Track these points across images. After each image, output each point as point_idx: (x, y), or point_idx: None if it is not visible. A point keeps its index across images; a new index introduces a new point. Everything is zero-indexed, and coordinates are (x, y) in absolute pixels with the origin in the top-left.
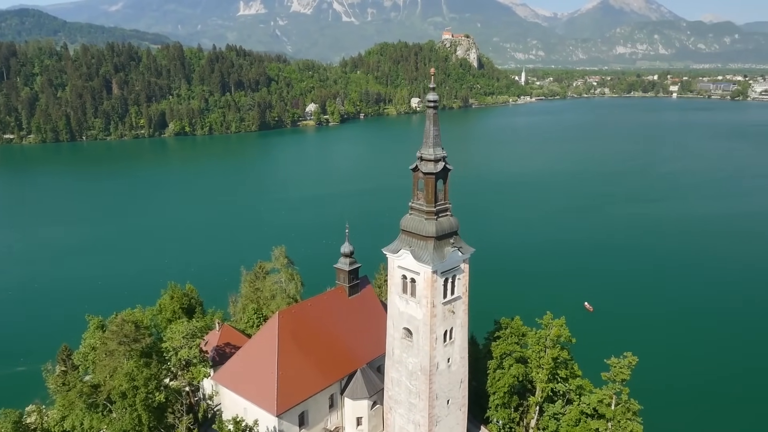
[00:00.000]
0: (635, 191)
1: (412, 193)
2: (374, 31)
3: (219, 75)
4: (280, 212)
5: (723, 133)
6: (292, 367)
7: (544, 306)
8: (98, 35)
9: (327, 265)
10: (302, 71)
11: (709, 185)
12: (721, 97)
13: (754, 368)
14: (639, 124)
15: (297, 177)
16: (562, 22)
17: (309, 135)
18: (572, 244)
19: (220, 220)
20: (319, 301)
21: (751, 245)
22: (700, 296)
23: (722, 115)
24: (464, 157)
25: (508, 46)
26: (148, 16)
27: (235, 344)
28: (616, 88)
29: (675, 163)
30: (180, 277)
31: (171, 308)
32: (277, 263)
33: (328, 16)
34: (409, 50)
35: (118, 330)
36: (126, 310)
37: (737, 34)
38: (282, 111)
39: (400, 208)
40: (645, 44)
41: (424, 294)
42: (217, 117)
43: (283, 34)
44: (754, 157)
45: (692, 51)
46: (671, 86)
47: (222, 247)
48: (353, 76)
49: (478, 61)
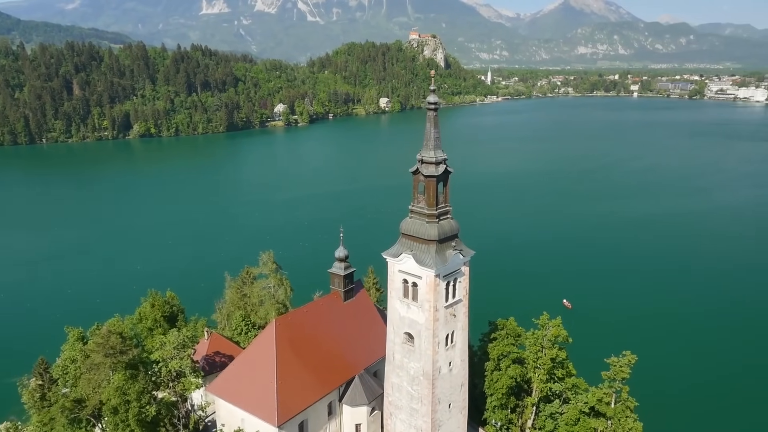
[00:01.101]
0: (606, 189)
1: (412, 196)
2: (340, 31)
3: (185, 75)
4: (256, 215)
5: (684, 132)
6: (291, 375)
7: (524, 305)
8: (55, 34)
9: (311, 269)
10: (269, 71)
11: (676, 182)
12: (679, 96)
13: (734, 361)
14: (604, 122)
15: (270, 179)
16: (525, 23)
17: (278, 136)
18: (547, 242)
19: (195, 224)
20: (315, 307)
21: (721, 239)
22: (677, 290)
23: (682, 114)
24: None
25: (473, 46)
26: (106, 14)
27: (225, 353)
28: (579, 87)
29: (642, 161)
30: (159, 284)
31: (152, 317)
32: (265, 268)
33: (292, 15)
34: (377, 50)
35: (103, 342)
36: (109, 321)
37: (692, 35)
38: (250, 112)
39: (380, 208)
40: (605, 44)
41: (427, 298)
42: (184, 118)
43: (247, 34)
44: (715, 155)
45: (650, 51)
46: (632, 86)
47: (200, 252)
48: (321, 76)
49: (445, 61)
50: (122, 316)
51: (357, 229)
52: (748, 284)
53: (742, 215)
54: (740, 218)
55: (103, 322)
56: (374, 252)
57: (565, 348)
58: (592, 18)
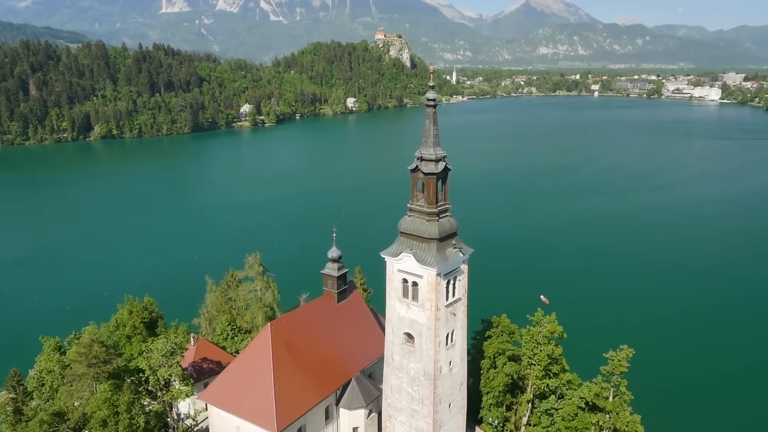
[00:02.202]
0: (576, 186)
1: (411, 195)
2: (303, 31)
3: (147, 75)
4: (230, 217)
5: (645, 130)
6: (288, 380)
7: (503, 303)
8: (6, 33)
9: (293, 270)
10: (234, 71)
11: (641, 179)
12: (638, 95)
13: (717, 351)
14: (569, 121)
15: (242, 180)
16: (488, 23)
17: (246, 136)
18: (519, 239)
19: (169, 227)
20: (309, 310)
21: (691, 234)
22: (655, 283)
23: (641, 113)
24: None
25: (437, 47)
26: (61, 12)
27: (213, 359)
28: (542, 87)
29: (607, 159)
30: (135, 290)
31: (130, 323)
32: (251, 271)
33: (255, 15)
34: (343, 50)
35: (86, 351)
36: (85, 328)
37: (648, 36)
38: (215, 112)
39: (360, 207)
40: (566, 45)
41: (428, 297)
42: (147, 119)
43: (209, 33)
44: (675, 152)
45: (608, 51)
46: (593, 85)
47: (176, 256)
48: (287, 76)
49: (410, 61)
50: (97, 324)
51: (339, 228)
52: (722, 276)
53: (707, 210)
54: (705, 213)
55: (80, 330)
56: (360, 252)
57: (560, 344)
58: (552, 19)
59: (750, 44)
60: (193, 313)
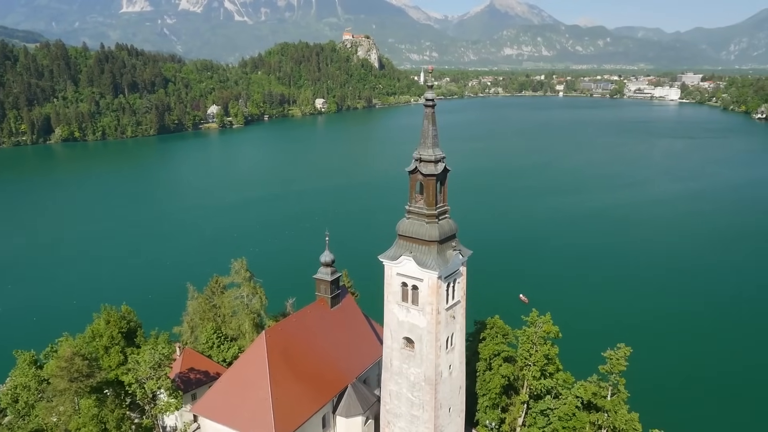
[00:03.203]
0: (547, 185)
1: (409, 196)
2: (269, 31)
3: (110, 76)
4: (202, 220)
5: (611, 129)
6: (285, 389)
7: (488, 302)
8: None
9: (275, 274)
10: (200, 72)
11: (610, 177)
12: (601, 96)
13: (698, 347)
14: (536, 121)
15: (213, 182)
16: (453, 25)
17: (214, 138)
18: (500, 239)
19: (139, 232)
20: (304, 316)
21: (662, 231)
22: (633, 280)
23: (606, 112)
24: (385, 158)
25: (403, 47)
26: (16, 12)
27: (200, 369)
28: (508, 87)
29: (575, 158)
30: (110, 299)
31: (108, 334)
32: (237, 277)
33: (219, 14)
34: (311, 50)
35: (68, 366)
36: (59, 340)
37: (609, 38)
38: (182, 113)
39: (336, 209)
40: (530, 46)
41: (429, 301)
42: (111, 121)
43: (171, 33)
44: (641, 151)
45: (571, 53)
46: (557, 86)
47: (151, 262)
48: (254, 76)
49: (378, 62)
50: (72, 335)
51: (318, 231)
52: (700, 272)
53: (678, 207)
54: (677, 210)
55: (54, 342)
56: (344, 254)
57: (556, 344)
58: (516, 20)
59: (705, 46)
60: (173, 321)
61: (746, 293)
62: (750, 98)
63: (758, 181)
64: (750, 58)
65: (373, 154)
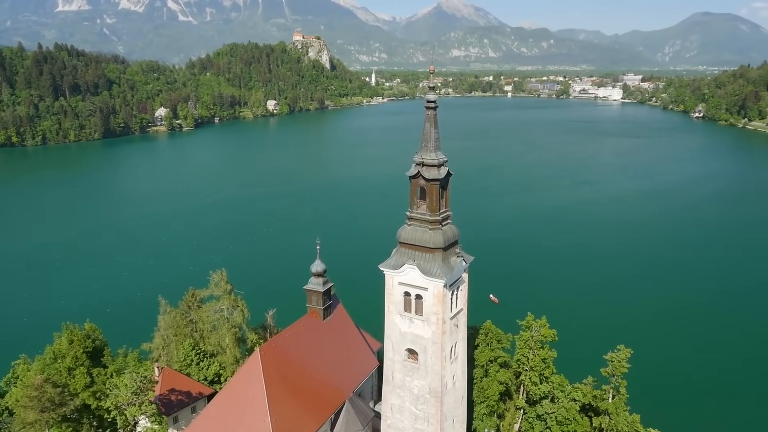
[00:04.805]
0: (504, 184)
1: (410, 202)
2: (215, 32)
3: (49, 77)
4: (158, 228)
5: (561, 129)
6: (283, 409)
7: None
8: None
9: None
10: (146, 73)
11: (564, 176)
12: (548, 96)
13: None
14: (488, 121)
15: (165, 188)
16: (401, 26)
17: (163, 142)
18: (469, 240)
19: (93, 243)
20: (297, 330)
21: (621, 227)
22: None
23: (554, 112)
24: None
25: (352, 49)
26: None
27: (181, 389)
28: (458, 88)
29: (530, 157)
30: (72, 316)
31: (72, 354)
32: (217, 289)
33: (162, 14)
34: (261, 51)
35: (38, 395)
36: (19, 362)
37: (552, 40)
38: (128, 116)
39: (299, 213)
40: (477, 48)
41: (434, 310)
42: (52, 125)
43: (112, 33)
44: (591, 150)
45: (517, 54)
46: (506, 86)
47: (110, 275)
48: (203, 78)
49: (330, 63)
50: (29, 357)
51: (285, 236)
52: (671, 268)
53: (634, 204)
54: (633, 207)
55: (11, 366)
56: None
57: (557, 349)
58: (463, 22)
59: (642, 48)
60: (142, 338)
61: (732, 287)
62: (688, 98)
63: (713, 175)
64: (683, 60)
65: (332, 156)
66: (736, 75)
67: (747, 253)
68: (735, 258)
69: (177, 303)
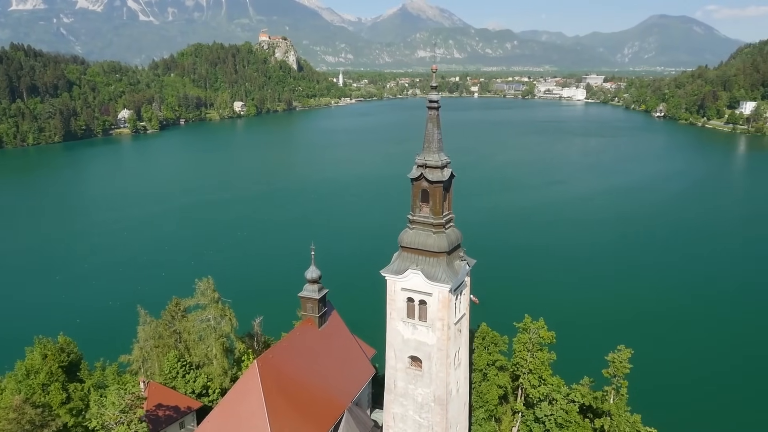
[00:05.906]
0: (475, 184)
1: (412, 205)
2: (177, 32)
3: (5, 78)
4: (124, 234)
5: (528, 129)
6: (283, 421)
7: None
8: None
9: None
10: (108, 74)
11: (536, 175)
12: (514, 96)
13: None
14: (456, 122)
15: (132, 192)
16: (367, 27)
17: (127, 145)
18: None
19: (58, 249)
20: (293, 339)
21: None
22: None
23: (520, 113)
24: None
25: (318, 49)
26: None
27: (168, 404)
28: (426, 88)
29: (501, 157)
30: (42, 329)
31: (46, 369)
32: (203, 298)
33: (122, 14)
34: (226, 52)
35: (17, 417)
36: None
37: (516, 41)
38: (90, 119)
39: (275, 217)
40: (442, 48)
41: (439, 316)
42: (8, 127)
43: (69, 33)
44: (560, 149)
45: (482, 55)
46: (472, 87)
47: (81, 284)
48: (168, 79)
49: (297, 64)
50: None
51: (259, 239)
52: (652, 266)
53: (606, 202)
54: (606, 205)
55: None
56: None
57: (553, 350)
58: (428, 24)
59: (602, 49)
60: (120, 350)
61: (732, 287)
62: (649, 98)
63: (690, 172)
64: (642, 61)
65: (303, 157)
66: (695, 75)
67: (746, 250)
68: (735, 258)
69: (157, 312)
